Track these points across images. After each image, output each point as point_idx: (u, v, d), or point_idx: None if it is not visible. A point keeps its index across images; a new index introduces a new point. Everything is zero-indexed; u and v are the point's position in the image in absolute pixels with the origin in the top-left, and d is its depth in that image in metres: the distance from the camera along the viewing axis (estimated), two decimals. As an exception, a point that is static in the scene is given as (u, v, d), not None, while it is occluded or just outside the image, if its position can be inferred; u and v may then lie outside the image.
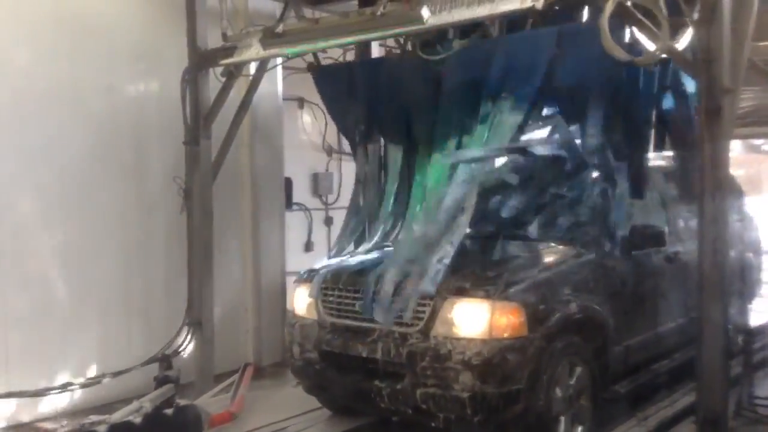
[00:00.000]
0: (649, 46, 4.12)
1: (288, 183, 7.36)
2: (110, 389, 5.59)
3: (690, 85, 5.32)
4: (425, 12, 4.45)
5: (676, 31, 4.12)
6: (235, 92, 6.06)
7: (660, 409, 4.81)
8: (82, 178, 5.73)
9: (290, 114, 7.58)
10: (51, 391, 5.40)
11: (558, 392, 4.27)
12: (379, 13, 4.66)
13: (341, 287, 4.72)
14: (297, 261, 7.16)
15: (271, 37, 5.23)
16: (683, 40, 4.17)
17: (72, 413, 5.45)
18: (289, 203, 7.42)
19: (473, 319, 4.13)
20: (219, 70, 5.88)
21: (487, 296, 4.13)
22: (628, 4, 3.93)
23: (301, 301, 5.04)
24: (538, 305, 4.19)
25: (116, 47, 5.95)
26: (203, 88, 5.96)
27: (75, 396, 5.58)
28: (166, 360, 5.58)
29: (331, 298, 4.78)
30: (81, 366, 5.69)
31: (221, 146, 6.11)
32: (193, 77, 5.92)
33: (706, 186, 3.90)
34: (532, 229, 5.09)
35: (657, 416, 4.68)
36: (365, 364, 4.44)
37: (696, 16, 3.95)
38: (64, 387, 5.47)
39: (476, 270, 4.43)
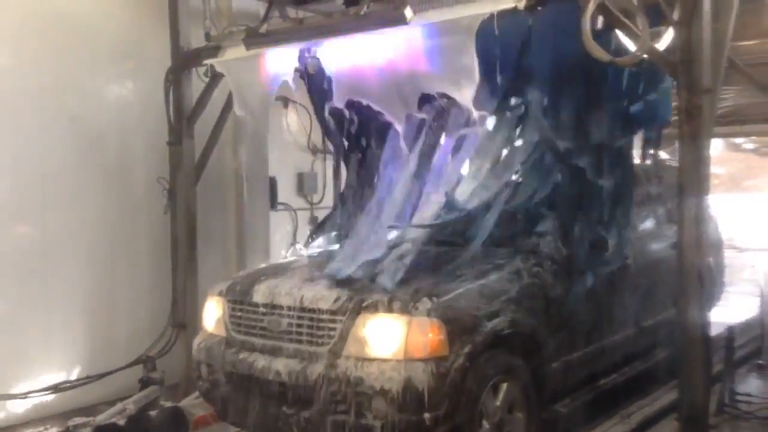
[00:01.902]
0: (630, 46, 4.15)
1: (273, 183, 7.35)
2: (94, 391, 5.57)
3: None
4: (408, 12, 4.46)
5: (656, 31, 4.15)
6: (219, 92, 6.04)
7: (642, 406, 4.83)
8: (65, 178, 5.69)
9: (275, 113, 7.56)
10: (34, 394, 5.37)
11: (485, 417, 3.85)
12: (362, 13, 4.67)
13: (251, 301, 4.29)
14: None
15: (254, 37, 5.23)
16: (664, 41, 4.21)
17: (56, 415, 5.41)
18: (273, 203, 7.41)
19: (387, 338, 3.73)
20: (202, 69, 5.88)
21: (403, 311, 3.73)
22: (608, 3, 3.95)
23: (210, 315, 4.61)
24: (460, 320, 3.77)
25: (99, 47, 5.91)
26: (186, 88, 5.95)
27: (59, 398, 5.54)
28: (150, 361, 5.57)
29: (239, 313, 4.36)
30: (65, 368, 5.65)
31: (205, 146, 6.10)
32: (176, 77, 5.91)
33: (686, 185, 3.94)
34: (477, 233, 4.61)
35: (640, 413, 4.70)
36: (273, 387, 4.00)
37: (676, 16, 3.99)
38: (48, 389, 5.44)
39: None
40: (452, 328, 3.71)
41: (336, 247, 5.24)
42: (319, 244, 5.56)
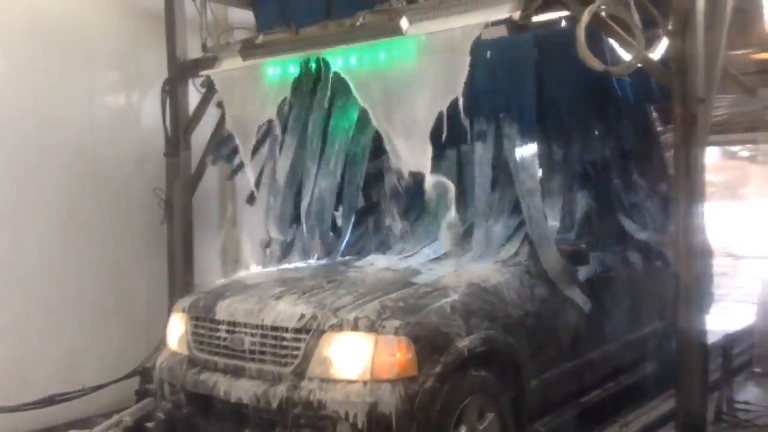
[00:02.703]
0: (625, 56, 4.18)
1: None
2: (90, 403, 5.53)
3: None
4: (404, 23, 4.49)
5: (650, 41, 4.18)
6: (216, 102, 6.06)
7: (640, 414, 4.83)
8: (60, 189, 5.68)
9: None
10: (29, 406, 5.34)
11: None
12: (358, 23, 4.69)
13: (213, 318, 4.08)
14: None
15: (251, 48, 5.24)
16: (658, 50, 4.24)
17: (51, 428, 5.39)
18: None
19: (353, 358, 3.55)
20: (199, 80, 5.89)
21: (370, 329, 3.53)
22: (603, 15, 3.98)
23: (173, 332, 4.42)
24: (430, 339, 3.57)
25: (95, 58, 5.93)
26: (183, 99, 5.96)
27: (54, 410, 5.50)
28: (146, 373, 5.54)
29: (202, 331, 4.15)
30: (60, 379, 5.63)
31: (202, 157, 6.09)
32: (173, 88, 5.92)
33: (682, 194, 3.95)
34: (458, 242, 4.56)
35: (638, 422, 4.70)
36: (235, 410, 3.79)
37: (670, 26, 4.02)
38: (43, 401, 5.41)
39: (365, 293, 3.86)
40: (422, 346, 3.53)
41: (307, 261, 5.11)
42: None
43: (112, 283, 6.03)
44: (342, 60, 4.88)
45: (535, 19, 4.33)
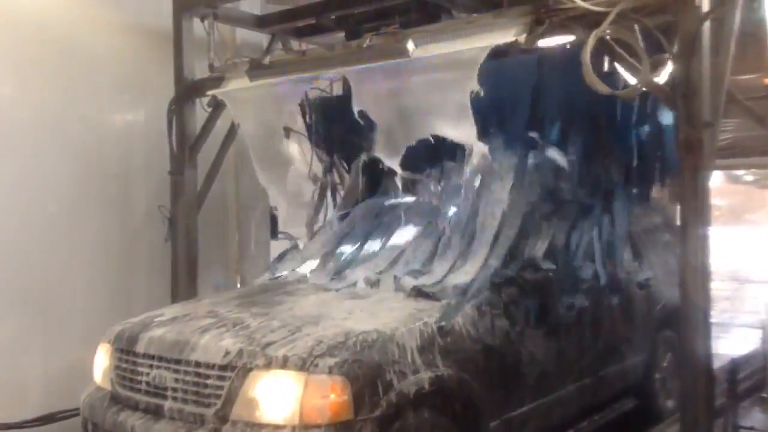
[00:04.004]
0: (630, 79, 4.19)
1: (273, 212, 7.35)
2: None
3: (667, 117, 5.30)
4: (410, 45, 4.51)
5: (656, 65, 4.19)
6: (222, 121, 6.08)
7: (645, 439, 4.79)
8: (66, 208, 5.69)
9: (278, 143, 7.58)
10: (29, 424, 5.31)
11: None
12: (365, 45, 4.72)
13: (135, 351, 3.79)
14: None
15: (257, 69, 5.28)
16: (663, 74, 4.25)
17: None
18: (274, 232, 7.40)
19: (280, 400, 3.22)
20: (205, 100, 5.92)
21: (301, 368, 3.20)
22: (609, 38, 4.00)
23: (98, 365, 4.12)
24: (370, 377, 3.23)
25: (102, 77, 5.96)
26: (189, 119, 5.98)
27: (54, 428, 5.46)
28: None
29: (125, 365, 3.84)
30: (63, 397, 5.59)
31: (207, 176, 6.11)
32: (179, 107, 5.94)
33: (688, 218, 3.95)
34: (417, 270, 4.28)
35: (643, 448, 4.66)
36: None
37: (675, 49, 4.03)
38: (44, 419, 5.39)
39: (302, 326, 3.56)
40: (360, 386, 3.19)
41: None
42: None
43: (115, 300, 6.01)
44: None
45: (541, 43, 4.35)
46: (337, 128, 5.78)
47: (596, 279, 4.67)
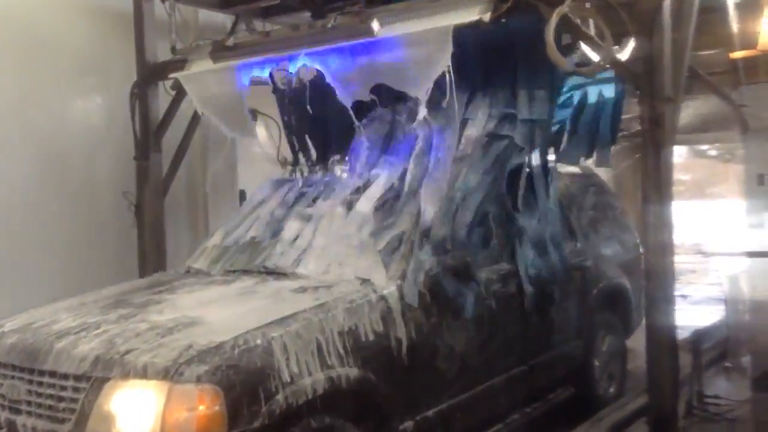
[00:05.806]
0: (593, 57, 4.22)
1: (242, 196, 7.30)
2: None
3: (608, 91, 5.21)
4: (375, 25, 4.49)
5: (619, 42, 4.23)
6: (187, 105, 6.00)
7: (613, 410, 4.88)
8: (30, 194, 5.60)
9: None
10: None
11: None
12: (329, 25, 4.69)
13: (6, 363, 3.33)
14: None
15: (221, 50, 5.21)
16: (626, 51, 4.28)
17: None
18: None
19: (140, 413, 2.84)
20: (169, 83, 5.83)
21: (164, 376, 2.81)
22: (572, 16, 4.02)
23: None
24: (249, 384, 2.86)
25: (63, 62, 5.85)
26: (153, 102, 5.90)
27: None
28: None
29: None
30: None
31: (172, 160, 6.05)
32: (142, 91, 5.85)
33: (650, 194, 4.00)
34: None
35: (610, 418, 4.74)
36: None
37: (636, 26, 4.06)
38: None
39: (174, 327, 3.16)
40: (236, 396, 2.81)
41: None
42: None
43: (82, 289, 5.91)
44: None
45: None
46: (306, 112, 5.69)
47: (523, 261, 4.39)
